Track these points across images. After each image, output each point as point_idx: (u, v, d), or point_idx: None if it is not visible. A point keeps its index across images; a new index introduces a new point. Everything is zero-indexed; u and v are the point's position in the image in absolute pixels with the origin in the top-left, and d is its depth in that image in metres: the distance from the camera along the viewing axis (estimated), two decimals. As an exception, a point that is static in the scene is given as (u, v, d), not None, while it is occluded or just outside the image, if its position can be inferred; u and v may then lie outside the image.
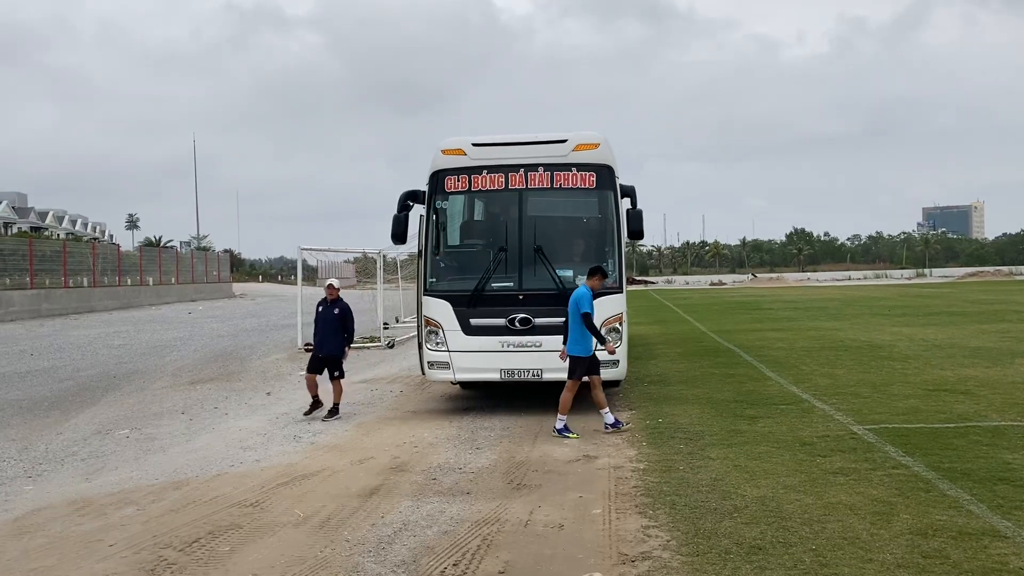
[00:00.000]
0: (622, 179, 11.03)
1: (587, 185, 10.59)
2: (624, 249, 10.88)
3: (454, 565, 5.24)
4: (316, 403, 10.90)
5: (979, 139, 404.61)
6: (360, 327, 13.29)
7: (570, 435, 9.06)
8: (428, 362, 10.66)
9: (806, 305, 33.84)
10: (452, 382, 11.16)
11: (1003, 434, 8.22)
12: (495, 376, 10.41)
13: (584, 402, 11.05)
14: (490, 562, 5.28)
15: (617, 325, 10.33)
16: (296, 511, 6.55)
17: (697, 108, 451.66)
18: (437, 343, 10.54)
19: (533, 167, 10.59)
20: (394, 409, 11.30)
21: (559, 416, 9.21)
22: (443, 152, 10.80)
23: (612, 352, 9.53)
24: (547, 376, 10.31)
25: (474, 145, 10.76)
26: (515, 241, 10.59)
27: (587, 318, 9.17)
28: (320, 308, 10.98)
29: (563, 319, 10.23)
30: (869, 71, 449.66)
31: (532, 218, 10.71)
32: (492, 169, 10.65)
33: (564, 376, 10.37)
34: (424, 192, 10.82)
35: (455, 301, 10.48)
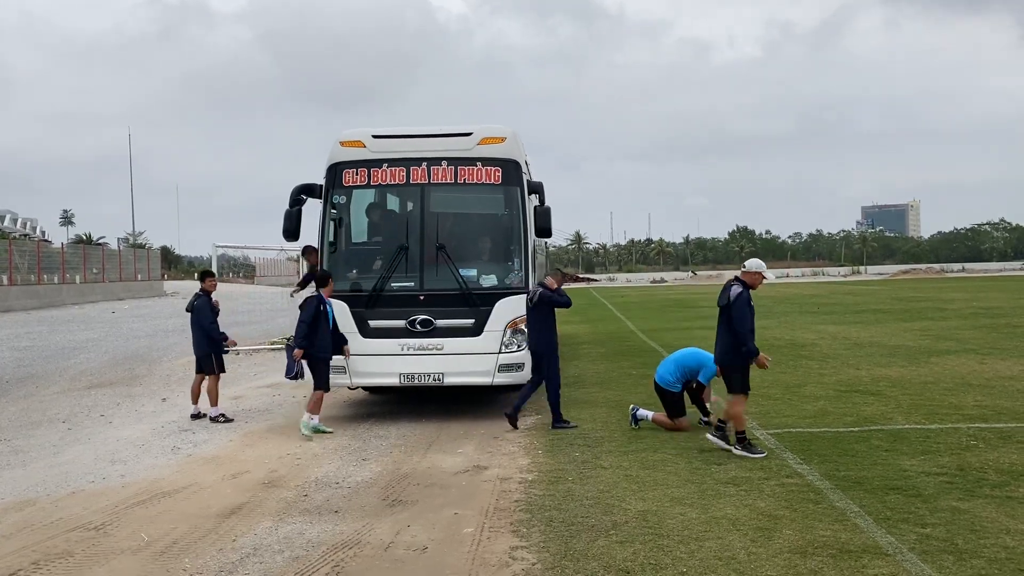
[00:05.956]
0: (531, 175, 10.63)
1: (492, 180, 10.14)
2: (532, 247, 10.47)
3: (292, 598, 4.75)
4: None
5: (910, 141, 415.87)
6: (285, 328, 12.59)
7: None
8: (324, 366, 10.10)
9: (740, 303, 33.87)
10: (349, 387, 10.64)
11: (904, 438, 8.01)
12: (394, 380, 9.90)
13: (487, 405, 10.61)
14: (333, 593, 4.79)
15: (522, 326, 9.91)
16: (142, 535, 5.97)
17: (635, 108, 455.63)
18: (333, 346, 9.98)
19: (436, 161, 10.11)
20: (290, 417, 10.69)
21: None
22: (341, 144, 10.26)
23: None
24: (448, 380, 9.86)
25: (374, 137, 10.25)
26: (416, 239, 10.12)
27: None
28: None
29: (469, 320, 9.84)
30: (798, 74, 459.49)
31: (435, 215, 10.23)
32: (393, 163, 10.15)
33: (467, 380, 9.92)
34: (320, 186, 10.27)
35: (352, 302, 9.95)
